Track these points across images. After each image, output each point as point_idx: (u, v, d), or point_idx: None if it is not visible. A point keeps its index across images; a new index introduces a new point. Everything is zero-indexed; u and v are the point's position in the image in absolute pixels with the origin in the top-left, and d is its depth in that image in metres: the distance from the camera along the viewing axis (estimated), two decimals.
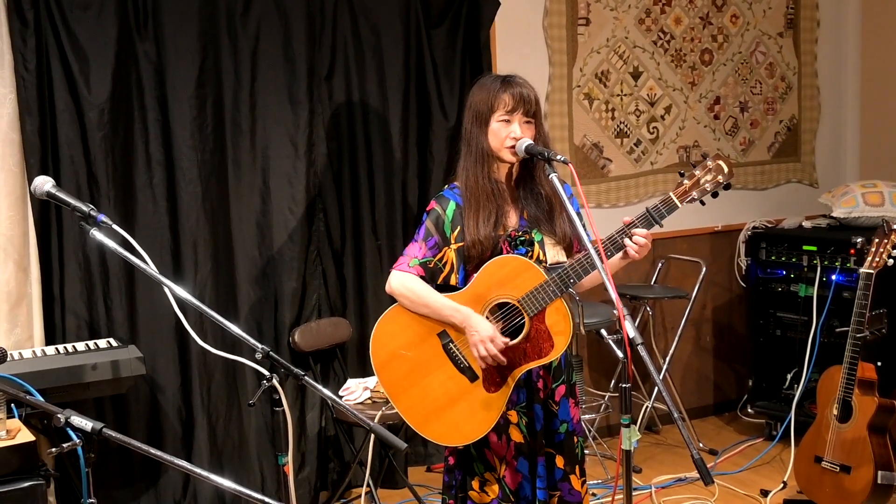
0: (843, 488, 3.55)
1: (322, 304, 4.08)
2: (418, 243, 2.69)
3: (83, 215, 2.22)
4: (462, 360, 2.63)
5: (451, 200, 2.69)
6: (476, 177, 2.65)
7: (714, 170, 2.56)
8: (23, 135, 3.45)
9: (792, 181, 5.27)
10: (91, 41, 3.53)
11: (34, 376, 2.99)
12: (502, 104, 2.61)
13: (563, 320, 2.58)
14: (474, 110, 2.66)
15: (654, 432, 4.85)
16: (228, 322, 2.23)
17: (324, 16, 3.96)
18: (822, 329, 4.28)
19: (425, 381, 2.65)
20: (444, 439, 2.68)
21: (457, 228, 2.66)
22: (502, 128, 2.62)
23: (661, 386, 2.27)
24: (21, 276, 3.45)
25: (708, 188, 2.56)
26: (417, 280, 2.65)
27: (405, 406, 2.67)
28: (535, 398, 2.71)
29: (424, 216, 2.72)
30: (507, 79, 2.67)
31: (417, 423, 2.67)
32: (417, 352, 2.66)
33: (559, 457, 2.74)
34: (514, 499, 2.72)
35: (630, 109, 4.75)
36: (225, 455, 3.91)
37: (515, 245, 2.66)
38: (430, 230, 2.68)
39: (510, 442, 2.71)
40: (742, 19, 5.01)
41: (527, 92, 2.63)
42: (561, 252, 2.69)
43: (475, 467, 2.75)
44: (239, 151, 3.87)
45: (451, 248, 2.67)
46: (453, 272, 2.67)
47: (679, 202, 2.56)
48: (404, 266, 2.67)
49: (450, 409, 2.64)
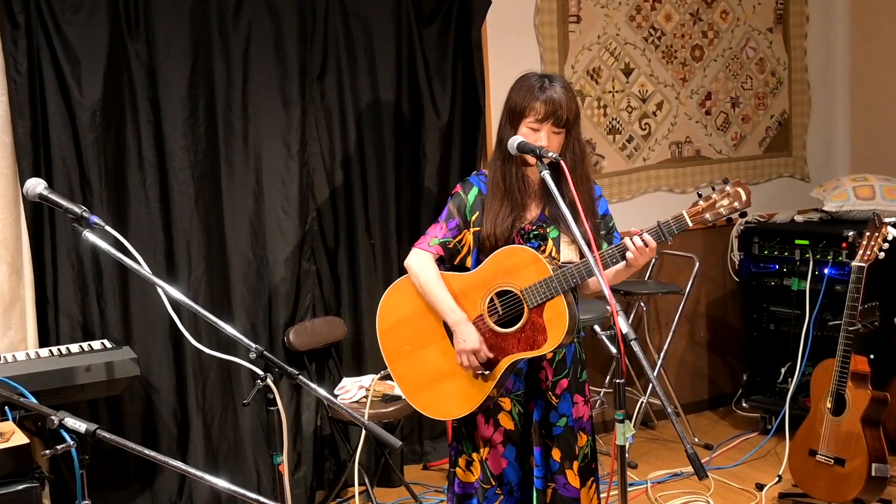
0: (837, 481, 3.56)
1: (316, 304, 4.08)
2: (440, 224, 2.77)
3: (75, 217, 2.22)
4: None
5: (476, 186, 2.76)
6: (502, 172, 2.70)
7: (732, 196, 2.51)
8: (14, 137, 3.44)
9: (783, 176, 5.28)
10: (82, 43, 3.53)
11: (28, 379, 2.99)
12: (533, 112, 2.62)
13: (561, 316, 2.61)
14: (509, 107, 2.68)
15: (649, 428, 4.86)
16: (222, 322, 2.23)
17: (315, 15, 3.96)
18: (815, 323, 4.29)
19: (422, 352, 2.76)
20: (431, 411, 2.79)
21: (476, 213, 2.73)
22: (530, 133, 2.63)
23: (656, 381, 2.28)
24: (14, 278, 3.44)
25: (723, 212, 2.52)
26: (433, 266, 2.73)
27: (400, 373, 2.79)
28: (536, 389, 2.77)
29: (449, 198, 2.80)
30: (547, 83, 2.64)
31: (409, 391, 2.78)
32: (418, 324, 2.77)
33: (555, 449, 2.77)
34: (494, 482, 2.77)
35: (622, 106, 4.76)
36: (220, 455, 3.91)
37: (527, 238, 2.71)
38: (451, 212, 2.76)
39: (498, 427, 2.76)
40: (732, 15, 5.02)
41: (560, 99, 2.61)
42: (575, 253, 2.71)
43: (464, 446, 2.83)
44: (231, 151, 3.87)
45: (469, 231, 2.74)
46: (469, 255, 2.75)
47: (691, 222, 2.51)
48: (425, 245, 2.76)
49: (441, 384, 2.74)
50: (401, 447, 2.42)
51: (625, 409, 2.36)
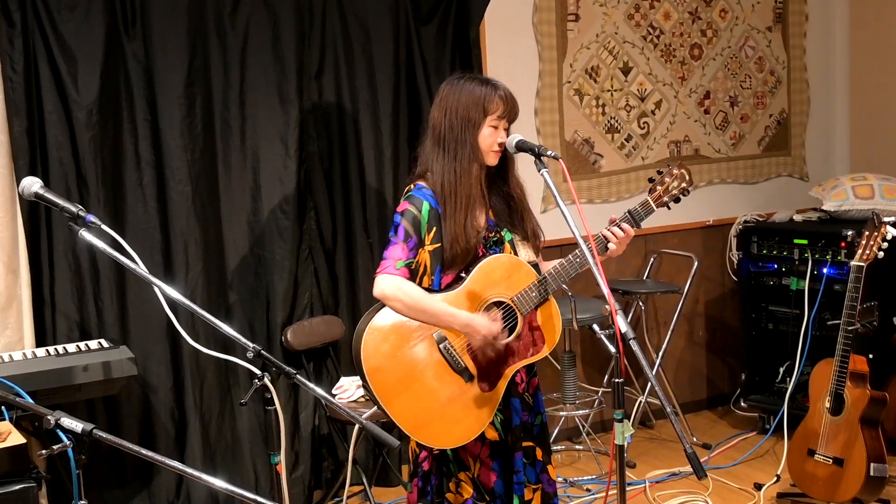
0: (835, 481, 3.56)
1: (314, 303, 4.08)
2: (399, 245, 2.58)
3: (72, 216, 2.21)
4: (459, 361, 2.60)
5: (425, 201, 2.60)
6: (459, 177, 2.59)
7: (679, 177, 2.75)
8: (11, 136, 3.43)
9: (782, 175, 5.28)
10: (79, 41, 3.52)
11: (25, 378, 2.98)
12: (496, 109, 2.59)
13: (553, 318, 2.63)
14: (464, 112, 2.59)
15: (647, 427, 4.86)
16: (220, 322, 2.23)
17: (313, 13, 3.95)
18: (814, 322, 4.29)
19: (418, 384, 2.58)
20: (440, 442, 2.64)
21: (432, 230, 2.59)
22: (492, 132, 2.60)
23: (654, 381, 2.27)
24: (11, 277, 3.43)
25: (675, 193, 2.75)
26: (410, 283, 2.56)
27: (398, 411, 2.59)
28: (512, 392, 2.71)
29: (397, 217, 2.61)
30: (494, 83, 2.63)
31: (411, 427, 2.60)
32: (409, 355, 2.59)
33: (538, 449, 2.76)
34: (488, 497, 2.71)
35: (620, 105, 4.75)
36: (218, 455, 3.90)
37: (489, 246, 2.66)
38: (408, 231, 2.58)
39: (485, 441, 2.69)
40: (731, 14, 5.01)
41: (511, 94, 2.64)
42: (530, 250, 2.70)
43: (451, 468, 2.73)
44: (229, 150, 3.86)
45: (424, 250, 2.60)
46: (426, 274, 2.61)
47: (655, 206, 2.73)
48: (391, 269, 2.55)
49: (444, 412, 2.59)
50: (399, 446, 2.41)
51: (623, 408, 2.36)
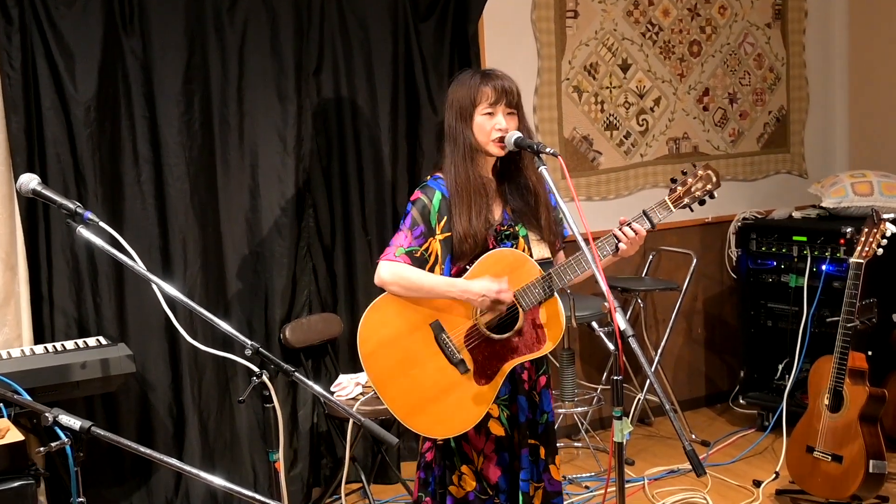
0: (834, 478, 3.56)
1: (312, 300, 4.07)
2: (404, 232, 2.63)
3: (69, 213, 2.21)
4: (455, 353, 2.61)
5: (437, 191, 2.65)
6: (466, 172, 2.62)
7: (704, 178, 2.70)
8: (8, 133, 3.42)
9: (781, 172, 5.28)
10: (76, 38, 3.51)
11: (23, 375, 2.98)
12: (484, 97, 2.60)
13: (557, 317, 2.61)
14: (457, 106, 2.64)
15: (646, 424, 4.86)
16: (218, 319, 2.22)
17: (311, 10, 3.94)
18: (813, 319, 4.29)
19: (413, 372, 2.62)
20: (431, 431, 2.65)
21: (443, 219, 2.63)
22: (486, 121, 2.60)
23: (653, 378, 2.27)
24: (9, 274, 3.43)
25: (698, 195, 2.69)
26: (407, 266, 2.59)
27: (391, 396, 2.62)
28: (519, 390, 2.72)
29: (409, 205, 2.67)
30: (487, 72, 2.66)
31: (403, 414, 2.62)
32: (407, 342, 2.63)
33: (542, 448, 2.76)
34: (491, 492, 2.72)
35: (619, 102, 4.75)
36: (217, 452, 3.90)
37: (500, 239, 2.66)
38: (416, 219, 2.63)
39: (489, 435, 2.70)
40: (730, 10, 5.00)
41: (507, 84, 2.62)
42: (545, 248, 2.69)
43: (454, 461, 2.73)
44: (227, 148, 3.85)
45: (436, 239, 2.63)
46: (438, 263, 2.64)
47: (673, 207, 2.68)
48: (391, 255, 2.61)
49: (438, 402, 2.61)
50: (398, 444, 2.40)
51: (622, 405, 2.36)
